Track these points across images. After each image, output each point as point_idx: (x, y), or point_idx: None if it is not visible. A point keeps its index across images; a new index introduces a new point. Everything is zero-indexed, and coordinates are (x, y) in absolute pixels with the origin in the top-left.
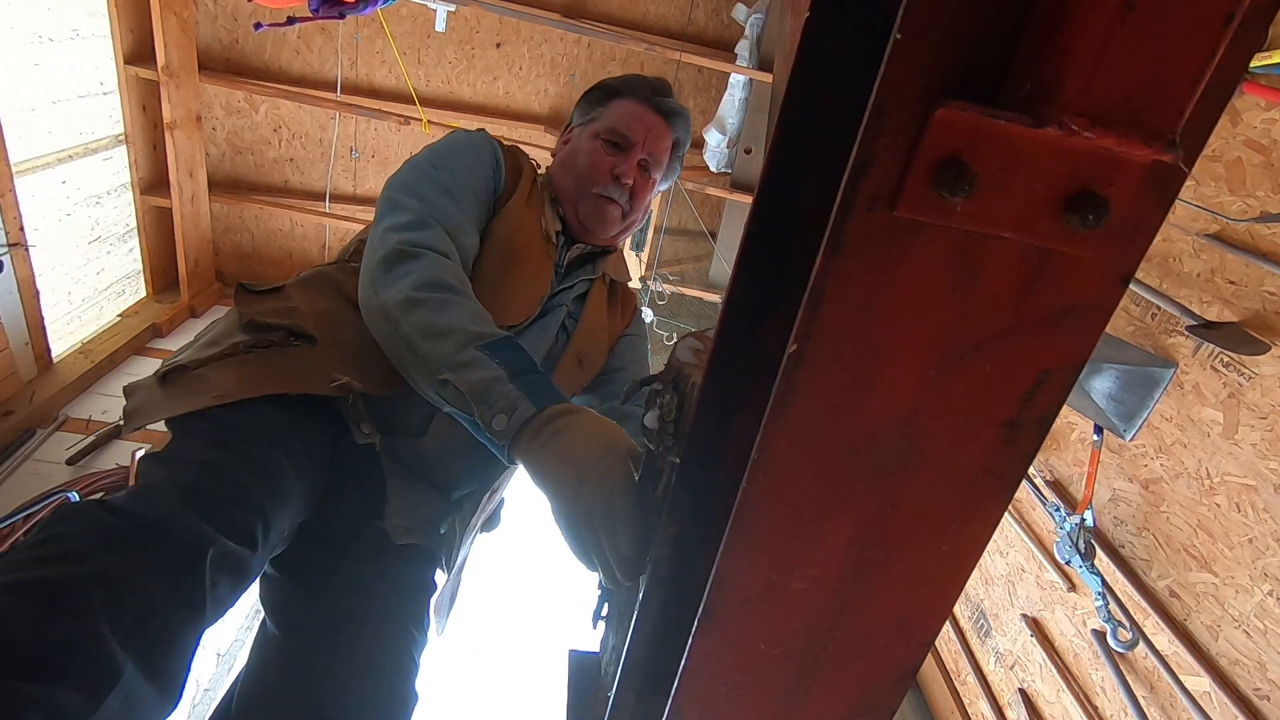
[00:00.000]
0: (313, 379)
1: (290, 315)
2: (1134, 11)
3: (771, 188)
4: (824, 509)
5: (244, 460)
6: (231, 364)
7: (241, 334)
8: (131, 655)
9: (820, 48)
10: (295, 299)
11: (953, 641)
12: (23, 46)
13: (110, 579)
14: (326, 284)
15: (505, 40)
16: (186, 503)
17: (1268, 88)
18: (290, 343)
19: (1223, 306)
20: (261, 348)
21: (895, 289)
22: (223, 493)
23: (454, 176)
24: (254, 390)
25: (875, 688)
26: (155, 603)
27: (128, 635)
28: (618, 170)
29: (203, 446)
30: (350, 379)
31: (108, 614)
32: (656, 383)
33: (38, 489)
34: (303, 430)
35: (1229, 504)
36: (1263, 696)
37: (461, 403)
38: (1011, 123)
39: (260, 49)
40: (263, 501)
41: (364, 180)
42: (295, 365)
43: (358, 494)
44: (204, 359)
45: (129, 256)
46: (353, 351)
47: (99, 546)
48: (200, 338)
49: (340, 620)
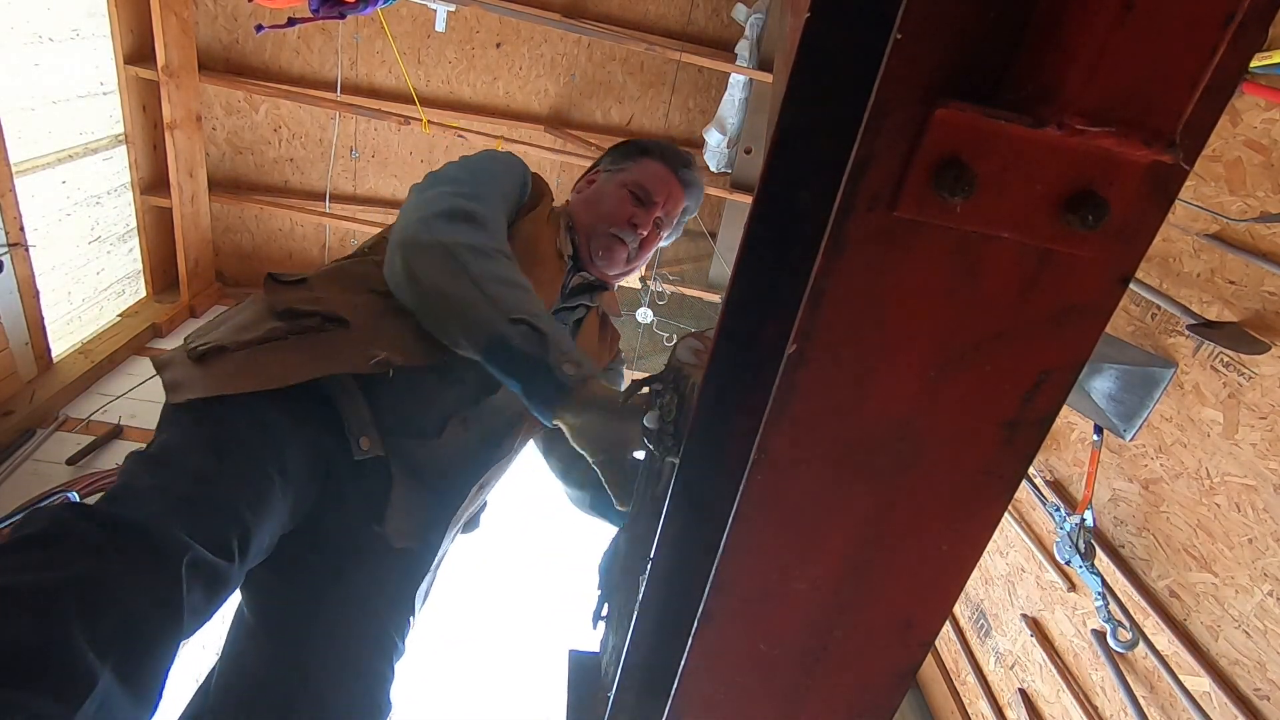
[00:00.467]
0: (351, 357)
1: (319, 303)
2: (1134, 12)
3: (771, 188)
4: (824, 509)
5: (235, 471)
6: (274, 349)
7: (276, 320)
8: (108, 663)
9: (820, 48)
10: (319, 290)
11: (953, 641)
12: (23, 46)
13: (87, 585)
14: (349, 278)
15: (505, 40)
16: (168, 510)
17: (1268, 88)
18: (325, 327)
19: (1223, 306)
20: (297, 333)
21: (895, 289)
22: (207, 503)
23: (492, 175)
24: (297, 375)
25: (875, 688)
26: (133, 610)
27: (105, 642)
28: (635, 219)
29: (198, 450)
30: (387, 354)
31: (84, 621)
32: (656, 383)
33: (38, 489)
34: (304, 442)
35: (1229, 504)
36: (1263, 696)
37: (535, 343)
38: (1011, 123)
39: (260, 49)
40: (245, 515)
41: (364, 180)
42: (332, 347)
43: (359, 497)
44: (244, 342)
45: (129, 256)
46: (385, 332)
47: (77, 551)
48: (224, 321)
49: (324, 621)
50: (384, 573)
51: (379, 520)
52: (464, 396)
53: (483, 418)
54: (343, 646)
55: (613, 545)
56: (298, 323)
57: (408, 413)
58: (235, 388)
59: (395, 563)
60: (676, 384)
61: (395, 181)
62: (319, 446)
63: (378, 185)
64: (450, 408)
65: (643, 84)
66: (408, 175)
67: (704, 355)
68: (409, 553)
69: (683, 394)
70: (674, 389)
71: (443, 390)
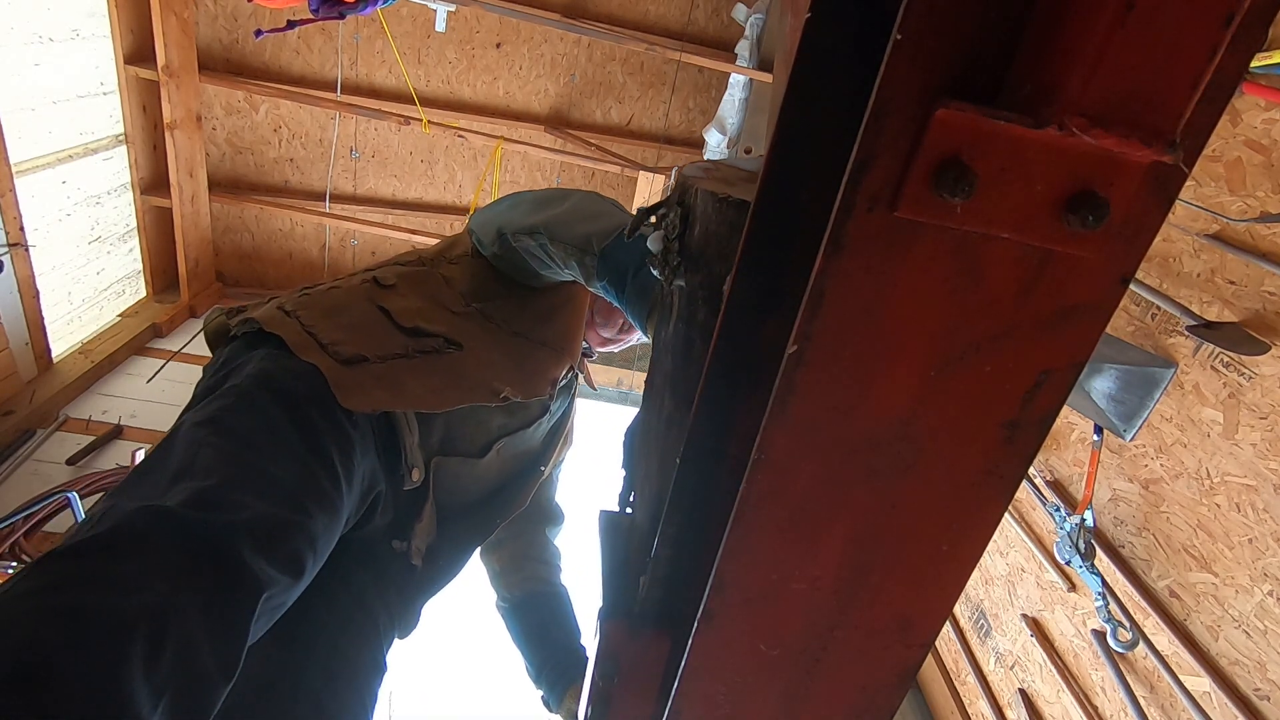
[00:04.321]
0: (476, 388)
1: (430, 320)
2: (1134, 12)
3: (771, 188)
4: (824, 509)
5: (319, 486)
6: (411, 369)
7: (401, 335)
8: (159, 706)
9: (820, 48)
10: (411, 299)
11: (953, 641)
12: (23, 46)
13: (158, 616)
14: (428, 289)
15: (505, 40)
16: (255, 529)
17: (1268, 88)
18: (445, 350)
19: (1223, 306)
20: (424, 353)
21: (895, 289)
22: (292, 524)
23: None
24: (440, 404)
25: (875, 688)
26: (196, 651)
27: (161, 684)
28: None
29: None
30: (509, 390)
31: (147, 662)
32: (662, 207)
33: (38, 489)
34: (369, 465)
35: (1229, 504)
36: (1263, 696)
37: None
38: (1011, 123)
39: (260, 49)
40: (319, 535)
41: (364, 180)
42: (457, 374)
43: (388, 515)
44: (382, 355)
45: (129, 256)
46: (495, 361)
47: (154, 574)
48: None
49: (331, 628)
50: (396, 587)
51: (403, 537)
52: (508, 425)
53: (515, 447)
54: (343, 659)
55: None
56: (421, 341)
57: (459, 434)
58: (385, 405)
59: (410, 578)
60: (682, 198)
61: (395, 181)
62: (375, 470)
63: (378, 185)
64: (495, 433)
65: (643, 84)
66: (408, 175)
67: (713, 172)
68: (422, 572)
69: (687, 205)
70: (679, 204)
71: (495, 415)
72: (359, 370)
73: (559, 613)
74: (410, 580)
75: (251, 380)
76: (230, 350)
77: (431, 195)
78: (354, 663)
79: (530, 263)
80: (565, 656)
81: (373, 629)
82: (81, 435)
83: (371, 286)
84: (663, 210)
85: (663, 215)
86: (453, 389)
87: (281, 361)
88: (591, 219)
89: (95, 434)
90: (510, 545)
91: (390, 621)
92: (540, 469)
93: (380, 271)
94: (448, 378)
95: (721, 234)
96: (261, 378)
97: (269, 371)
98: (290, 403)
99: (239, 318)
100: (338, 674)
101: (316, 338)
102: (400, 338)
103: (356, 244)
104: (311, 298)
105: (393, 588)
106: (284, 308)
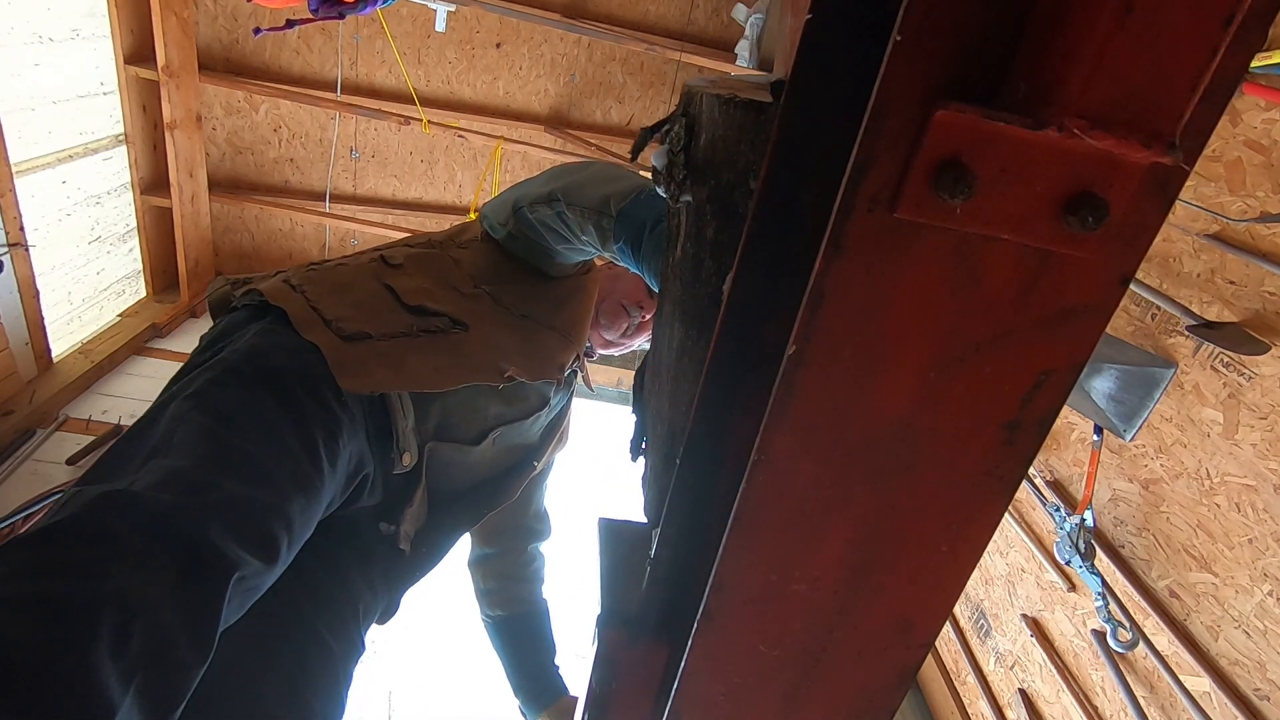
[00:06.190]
0: (482, 368)
1: (437, 300)
2: (1134, 13)
3: (771, 188)
4: (824, 509)
5: (297, 467)
6: (415, 348)
7: (406, 314)
8: (129, 689)
9: (820, 48)
10: (419, 279)
11: (953, 641)
12: (23, 46)
13: (123, 602)
14: (435, 269)
15: (505, 40)
16: (222, 511)
17: (1268, 88)
18: (450, 329)
19: (1223, 306)
20: (429, 332)
21: (895, 290)
22: (263, 504)
23: None
24: (443, 382)
25: (875, 689)
26: (165, 634)
27: (129, 669)
28: (644, 304)
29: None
30: (515, 370)
31: (115, 648)
32: (668, 123)
33: (38, 489)
34: (357, 445)
35: (1229, 504)
36: (1263, 697)
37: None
38: (1011, 124)
39: (260, 49)
40: (295, 516)
41: (364, 180)
42: (462, 354)
43: (377, 498)
44: (385, 333)
45: (129, 256)
46: (501, 342)
47: (113, 559)
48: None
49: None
50: (381, 569)
51: (392, 520)
52: (505, 414)
53: (511, 438)
54: (319, 640)
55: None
56: (426, 320)
57: (455, 420)
58: (384, 386)
59: (395, 562)
60: (687, 108)
61: (395, 181)
62: (364, 453)
63: (378, 185)
64: (491, 421)
65: (643, 84)
66: (408, 175)
67: (719, 83)
68: (409, 558)
69: (692, 115)
70: (683, 115)
71: (492, 402)
72: (361, 347)
73: (539, 633)
74: (396, 564)
75: (242, 356)
76: (230, 320)
77: (431, 195)
78: (331, 643)
79: (546, 237)
80: (543, 676)
81: (352, 611)
82: (81, 435)
83: (379, 265)
84: (667, 126)
85: (667, 130)
86: (456, 368)
87: (278, 337)
88: (609, 181)
89: (95, 434)
90: (497, 562)
91: (372, 603)
92: (533, 463)
93: (389, 251)
94: (452, 357)
95: (729, 137)
96: (253, 354)
97: (262, 348)
98: (278, 381)
99: (244, 288)
100: (314, 654)
101: (321, 313)
102: (405, 316)
103: (356, 244)
104: (318, 273)
105: (377, 569)
106: (290, 281)
